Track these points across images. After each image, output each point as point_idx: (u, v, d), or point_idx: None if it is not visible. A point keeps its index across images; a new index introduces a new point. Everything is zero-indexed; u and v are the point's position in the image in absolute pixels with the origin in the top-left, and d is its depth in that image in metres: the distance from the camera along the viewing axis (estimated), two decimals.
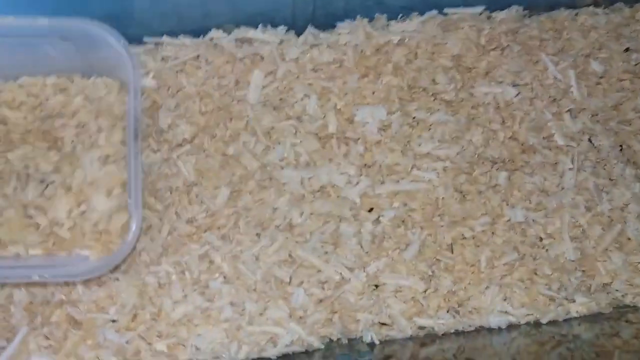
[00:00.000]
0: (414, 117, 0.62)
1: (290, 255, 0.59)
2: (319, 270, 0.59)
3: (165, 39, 0.62)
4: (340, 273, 0.59)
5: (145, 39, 0.61)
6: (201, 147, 0.59)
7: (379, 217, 0.61)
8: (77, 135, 0.56)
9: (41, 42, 0.54)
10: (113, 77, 0.57)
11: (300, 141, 0.60)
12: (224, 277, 0.57)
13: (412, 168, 0.61)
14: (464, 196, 0.61)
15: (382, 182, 0.61)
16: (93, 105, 0.57)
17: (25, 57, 0.55)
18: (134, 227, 0.51)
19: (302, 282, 0.58)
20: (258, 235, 0.59)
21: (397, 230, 0.60)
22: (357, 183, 0.61)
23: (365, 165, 0.61)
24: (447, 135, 0.62)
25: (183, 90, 0.61)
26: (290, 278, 0.58)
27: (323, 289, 0.58)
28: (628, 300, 0.61)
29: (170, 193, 0.59)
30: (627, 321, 0.61)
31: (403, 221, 0.60)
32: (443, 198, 0.60)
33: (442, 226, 0.60)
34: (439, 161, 0.61)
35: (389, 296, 0.59)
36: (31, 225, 0.55)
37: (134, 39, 0.61)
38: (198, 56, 0.61)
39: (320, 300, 0.58)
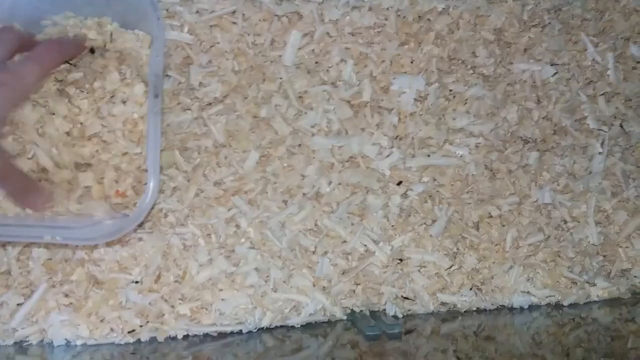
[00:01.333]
0: (450, 90, 0.62)
1: (316, 224, 0.59)
2: (345, 241, 0.59)
3: None
4: (365, 245, 0.59)
5: None
6: (232, 108, 0.58)
7: (407, 190, 0.61)
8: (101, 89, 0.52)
9: None
10: (145, 30, 0.53)
11: (333, 108, 0.59)
12: (250, 242, 0.57)
13: (444, 142, 0.61)
14: (494, 174, 0.61)
15: (413, 156, 0.60)
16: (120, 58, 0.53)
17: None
18: (150, 189, 0.49)
19: (326, 252, 0.58)
20: (285, 202, 0.58)
21: (424, 205, 0.60)
22: (388, 155, 0.60)
23: (398, 137, 0.60)
24: (482, 111, 0.61)
25: (216, 46, 0.58)
26: (316, 247, 0.58)
27: (347, 259, 0.58)
28: None
29: (199, 153, 0.57)
30: None
31: (431, 196, 0.61)
32: (473, 175, 0.61)
33: (469, 203, 0.60)
34: (472, 137, 0.61)
35: (412, 271, 0.59)
36: None
37: None
38: (234, 11, 0.59)
39: (344, 272, 0.58)
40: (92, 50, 0.52)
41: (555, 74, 0.63)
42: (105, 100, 0.52)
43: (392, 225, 0.60)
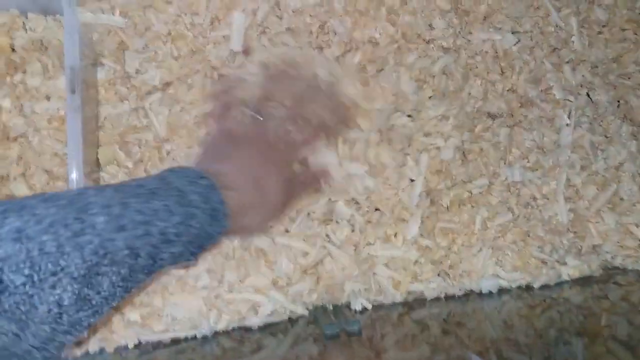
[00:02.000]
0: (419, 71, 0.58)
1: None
2: (303, 240, 0.55)
3: None
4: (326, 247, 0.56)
5: None
6: (174, 98, 0.54)
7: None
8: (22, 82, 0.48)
9: None
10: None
11: None
12: None
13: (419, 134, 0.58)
14: (465, 156, 0.59)
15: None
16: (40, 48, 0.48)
17: None
18: None
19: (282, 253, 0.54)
20: None
21: (394, 209, 0.57)
22: None
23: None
24: (450, 88, 0.58)
25: (152, 29, 0.53)
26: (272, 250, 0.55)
27: (306, 258, 0.55)
28: (618, 262, 0.61)
29: (140, 147, 0.53)
30: (615, 283, 0.61)
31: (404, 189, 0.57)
32: (447, 161, 0.58)
33: (442, 190, 0.58)
34: (444, 120, 0.58)
35: (379, 267, 0.55)
36: None
37: None
38: None
39: (305, 270, 0.55)
40: None
41: (518, 42, 0.60)
42: (27, 96, 0.47)
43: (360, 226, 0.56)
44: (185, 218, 0.39)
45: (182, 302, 0.52)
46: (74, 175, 0.43)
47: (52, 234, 0.33)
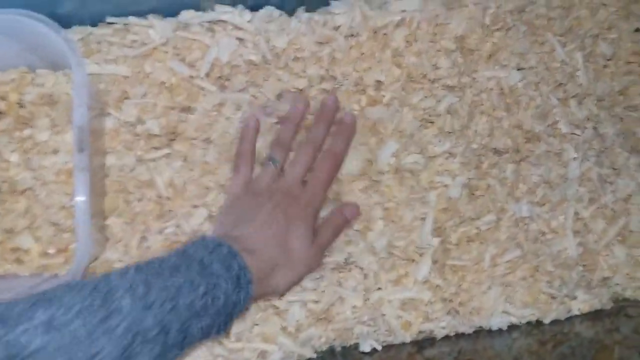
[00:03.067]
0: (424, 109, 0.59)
1: None
2: (314, 289, 0.56)
3: (131, 19, 0.54)
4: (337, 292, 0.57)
5: (110, 19, 0.53)
6: (179, 154, 0.55)
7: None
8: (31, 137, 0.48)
9: None
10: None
11: None
12: None
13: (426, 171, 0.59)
14: (472, 193, 0.59)
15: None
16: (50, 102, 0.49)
17: None
18: (78, 258, 0.45)
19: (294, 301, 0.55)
20: None
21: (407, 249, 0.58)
22: None
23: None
24: (455, 126, 0.59)
25: (150, 76, 0.55)
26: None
27: (317, 304, 0.56)
28: (628, 294, 0.62)
29: (140, 201, 0.54)
30: (626, 315, 0.61)
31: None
32: (455, 198, 0.58)
33: (451, 227, 0.58)
34: (451, 158, 0.59)
35: (389, 311, 0.57)
36: None
37: (98, 19, 0.55)
38: (167, 41, 0.55)
39: (317, 318, 0.55)
40: None
41: (523, 78, 0.60)
42: (35, 151, 0.47)
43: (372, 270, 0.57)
44: (209, 289, 0.41)
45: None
46: (81, 231, 0.44)
47: (81, 320, 0.34)
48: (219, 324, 0.42)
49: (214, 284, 0.41)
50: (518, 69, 0.61)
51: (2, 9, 0.46)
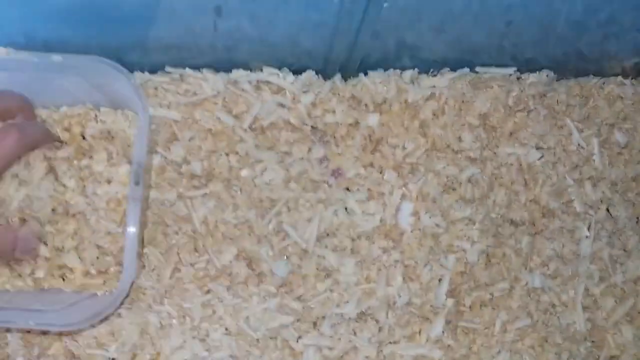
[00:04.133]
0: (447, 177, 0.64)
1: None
2: (331, 337, 0.59)
3: (187, 71, 0.61)
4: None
5: (169, 68, 0.60)
6: (217, 195, 0.61)
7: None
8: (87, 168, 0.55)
9: (56, 77, 0.54)
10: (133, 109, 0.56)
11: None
12: (226, 329, 0.59)
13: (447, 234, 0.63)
14: (489, 260, 0.63)
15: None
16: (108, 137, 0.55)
17: (42, 90, 0.54)
18: (125, 278, 0.50)
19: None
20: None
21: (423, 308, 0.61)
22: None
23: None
24: (476, 195, 0.64)
25: (199, 123, 0.62)
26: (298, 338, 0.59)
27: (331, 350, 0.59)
28: None
29: (177, 234, 0.60)
30: None
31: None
32: (471, 264, 0.63)
33: (465, 290, 0.62)
34: (470, 224, 0.63)
35: None
36: None
37: (158, 68, 0.63)
38: (217, 93, 0.63)
39: None
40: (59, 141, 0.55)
41: (541, 157, 0.65)
42: (91, 179, 0.53)
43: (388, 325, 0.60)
44: None
45: None
46: (128, 256, 0.49)
47: None
48: None
49: None
50: (537, 148, 0.66)
51: (80, 54, 0.53)
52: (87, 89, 0.54)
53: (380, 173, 0.63)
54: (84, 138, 0.55)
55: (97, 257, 0.54)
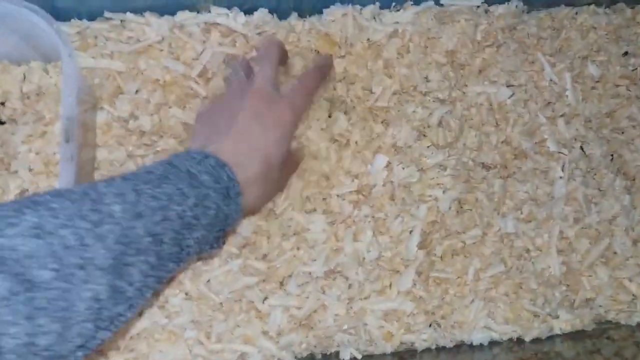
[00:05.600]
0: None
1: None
2: (298, 295, 0.58)
3: (129, 15, 0.56)
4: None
5: (108, 14, 0.55)
6: (170, 151, 0.57)
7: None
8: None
9: None
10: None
11: None
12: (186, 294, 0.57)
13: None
14: (461, 206, 0.62)
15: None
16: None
17: None
18: None
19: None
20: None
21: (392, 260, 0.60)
22: None
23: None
24: (448, 139, 0.62)
25: (144, 73, 0.58)
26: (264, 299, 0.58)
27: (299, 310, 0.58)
28: (611, 316, 0.64)
29: None
30: (608, 338, 0.63)
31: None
32: (443, 212, 0.61)
33: (437, 239, 0.61)
34: (442, 171, 0.61)
35: (371, 320, 0.58)
36: None
37: (96, 14, 0.58)
38: (162, 39, 0.59)
39: (299, 323, 0.58)
40: None
41: (512, 95, 0.62)
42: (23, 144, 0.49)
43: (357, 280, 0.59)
44: (200, 199, 0.41)
45: (167, 349, 0.53)
46: None
47: (71, 227, 0.34)
48: (213, 237, 0.42)
49: (204, 194, 0.41)
50: (507, 86, 0.64)
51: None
52: (11, 40, 0.49)
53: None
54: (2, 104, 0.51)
55: None
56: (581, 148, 0.66)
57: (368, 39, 0.61)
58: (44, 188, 0.51)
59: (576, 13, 0.68)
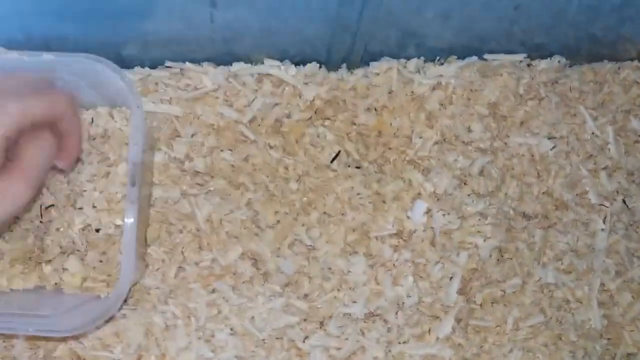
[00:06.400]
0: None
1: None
2: (337, 337, 0.60)
3: (188, 65, 0.61)
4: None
5: (169, 63, 0.60)
6: (222, 194, 0.61)
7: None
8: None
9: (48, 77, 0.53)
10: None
11: None
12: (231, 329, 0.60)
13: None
14: (502, 255, 0.64)
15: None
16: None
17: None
18: (122, 281, 0.50)
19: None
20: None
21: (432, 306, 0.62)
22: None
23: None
24: (489, 188, 0.64)
25: (200, 118, 0.63)
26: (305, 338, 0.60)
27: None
28: None
29: (181, 232, 0.61)
30: None
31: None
32: (483, 260, 0.63)
33: (476, 286, 0.62)
34: (482, 219, 0.63)
35: None
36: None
37: (158, 62, 0.64)
38: (218, 87, 0.63)
39: None
40: None
41: (554, 147, 0.64)
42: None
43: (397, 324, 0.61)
44: None
45: None
46: (126, 257, 0.49)
47: None
48: None
49: None
50: (549, 138, 0.66)
51: (74, 53, 0.53)
52: (81, 88, 0.54)
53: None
54: None
55: (100, 260, 0.55)
56: (623, 201, 0.67)
57: (412, 92, 0.64)
58: (106, 224, 0.56)
59: (619, 68, 0.70)
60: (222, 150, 0.62)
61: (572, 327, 0.63)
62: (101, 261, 0.55)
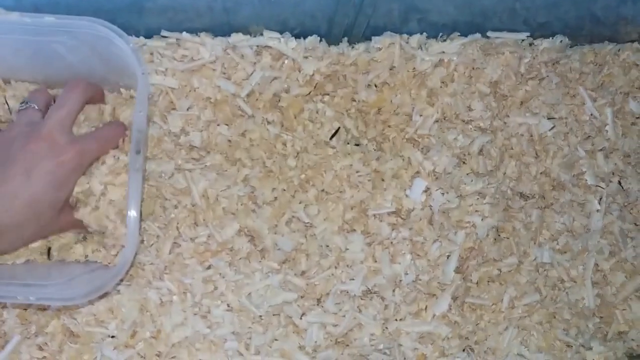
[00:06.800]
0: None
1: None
2: (335, 313, 0.60)
3: (184, 35, 0.61)
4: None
5: (165, 32, 0.59)
6: (217, 168, 0.61)
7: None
8: None
9: (49, 41, 0.52)
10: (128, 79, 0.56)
11: None
12: (228, 306, 0.60)
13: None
14: (499, 234, 0.64)
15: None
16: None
17: (34, 54, 0.54)
18: (128, 251, 0.50)
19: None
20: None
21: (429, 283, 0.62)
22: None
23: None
24: (488, 167, 0.64)
25: (197, 91, 0.62)
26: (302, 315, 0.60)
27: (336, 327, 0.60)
28: None
29: (176, 208, 0.60)
30: None
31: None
32: (481, 239, 0.63)
33: (473, 265, 0.63)
34: (481, 199, 0.63)
35: (407, 342, 0.61)
36: None
37: (153, 32, 0.62)
38: (216, 59, 0.62)
39: (336, 340, 0.60)
40: None
41: (553, 127, 0.64)
42: None
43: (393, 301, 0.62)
44: None
45: (208, 358, 0.57)
46: (131, 231, 0.49)
47: None
48: None
49: None
50: (548, 118, 0.66)
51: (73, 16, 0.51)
52: (82, 54, 0.53)
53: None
54: None
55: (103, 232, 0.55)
56: (619, 182, 0.68)
57: (414, 68, 0.64)
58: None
59: (619, 50, 0.70)
60: (218, 125, 0.61)
61: (566, 305, 0.64)
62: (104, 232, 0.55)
